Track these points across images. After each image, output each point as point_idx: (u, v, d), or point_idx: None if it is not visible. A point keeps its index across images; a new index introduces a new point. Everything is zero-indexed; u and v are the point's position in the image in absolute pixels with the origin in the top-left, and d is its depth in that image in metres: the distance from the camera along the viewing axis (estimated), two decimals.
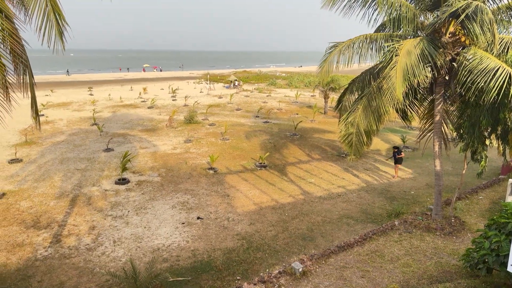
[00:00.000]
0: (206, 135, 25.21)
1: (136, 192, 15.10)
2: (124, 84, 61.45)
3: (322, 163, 19.73)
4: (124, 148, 21.34)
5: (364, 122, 11.83)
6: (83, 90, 51.28)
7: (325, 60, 13.24)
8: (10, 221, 12.45)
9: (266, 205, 14.15)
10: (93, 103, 38.86)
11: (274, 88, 56.59)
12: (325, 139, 24.69)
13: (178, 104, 39.47)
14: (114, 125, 28.16)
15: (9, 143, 22.19)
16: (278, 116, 32.97)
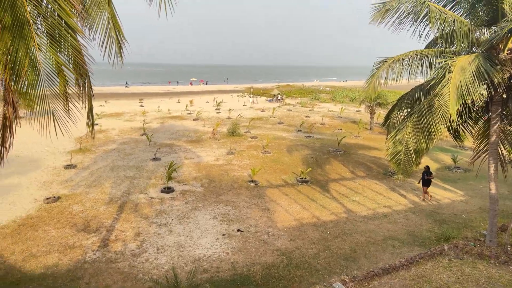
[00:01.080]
0: (248, 147, 25.45)
1: (180, 201, 15.50)
2: (172, 96, 63.91)
3: (366, 181, 19.17)
4: (170, 158, 22.07)
5: (413, 140, 11.40)
6: (135, 101, 53.96)
7: (373, 76, 13.00)
8: (63, 223, 13.22)
9: (307, 221, 13.94)
10: (143, 114, 40.72)
11: (317, 103, 56.21)
12: (371, 156, 24.00)
13: (221, 116, 40.31)
14: (162, 136, 29.25)
15: (65, 149, 23.74)
16: (321, 131, 32.61)
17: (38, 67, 5.08)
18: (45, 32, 5.20)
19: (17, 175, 18.34)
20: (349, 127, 35.05)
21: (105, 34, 6.63)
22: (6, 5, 4.35)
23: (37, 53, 4.72)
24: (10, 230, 12.59)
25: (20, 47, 4.54)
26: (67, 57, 5.93)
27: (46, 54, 5.22)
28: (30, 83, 5.14)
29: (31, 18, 4.61)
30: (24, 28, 4.51)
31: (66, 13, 4.98)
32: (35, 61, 4.78)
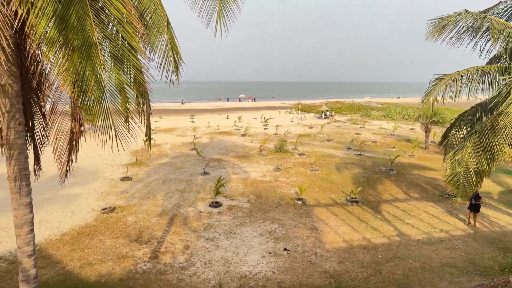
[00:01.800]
0: (295, 164, 25.25)
1: (227, 216, 15.65)
2: (222, 112, 65.57)
3: (421, 203, 18.14)
4: (218, 172, 22.48)
5: (474, 161, 10.66)
6: (186, 117, 56.05)
7: (429, 93, 12.46)
8: (117, 233, 13.85)
9: (357, 243, 13.42)
10: (194, 129, 42.11)
11: (368, 120, 54.73)
12: (426, 177, 22.76)
13: (269, 132, 40.54)
14: (211, 151, 29.97)
15: (122, 162, 25.08)
16: (372, 149, 31.59)
17: (103, 85, 5.44)
18: (110, 53, 5.59)
19: (78, 185, 19.62)
20: (403, 145, 33.63)
21: (163, 55, 6.99)
22: (77, 28, 4.75)
23: (102, 72, 5.08)
24: (70, 238, 13.41)
25: (87, 67, 4.91)
26: (129, 76, 6.29)
27: (110, 73, 5.59)
28: (95, 99, 5.50)
29: (98, 40, 4.98)
30: (91, 49, 4.89)
31: (129, 35, 5.33)
32: (100, 79, 5.14)
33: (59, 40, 4.69)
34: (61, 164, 7.42)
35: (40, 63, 6.46)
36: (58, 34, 4.64)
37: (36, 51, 6.46)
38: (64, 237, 13.49)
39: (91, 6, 4.91)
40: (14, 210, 6.68)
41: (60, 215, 15.68)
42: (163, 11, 7.10)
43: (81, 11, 4.77)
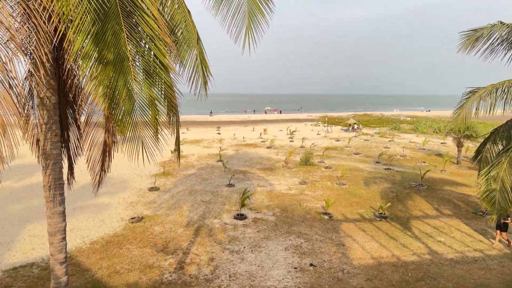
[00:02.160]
0: (322, 178, 24.93)
1: (252, 229, 15.59)
2: (248, 125, 66.00)
3: (454, 220, 17.42)
4: (243, 184, 22.51)
5: (510, 178, 10.19)
6: (213, 129, 56.80)
7: (462, 106, 12.09)
8: (144, 243, 14.07)
9: (385, 260, 13.00)
10: (220, 141, 42.55)
11: (397, 133, 53.51)
12: (458, 193, 21.89)
13: (295, 145, 40.36)
14: (236, 162, 30.11)
15: (151, 173, 25.61)
16: (402, 163, 30.77)
17: (134, 98, 5.62)
18: (142, 69, 5.77)
19: (108, 195, 20.15)
20: (434, 160, 32.59)
21: (193, 70, 7.17)
22: (111, 43, 4.95)
23: (134, 86, 5.25)
24: (99, 246, 13.73)
25: (120, 80, 5.10)
26: (159, 90, 6.46)
27: (141, 87, 5.77)
28: (126, 111, 5.67)
29: (131, 55, 5.17)
30: (124, 64, 5.07)
31: (161, 52, 5.50)
32: (132, 92, 5.31)
33: (94, 55, 4.90)
34: (94, 174, 7.67)
35: (76, 77, 6.76)
36: (94, 49, 4.86)
37: (73, 65, 6.77)
38: (94, 245, 13.83)
39: (125, 22, 5.12)
40: (48, 218, 6.93)
41: (90, 223, 16.12)
42: (193, 27, 7.29)
43: (116, 27, 4.97)
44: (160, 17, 5.31)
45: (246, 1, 6.51)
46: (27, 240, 14.27)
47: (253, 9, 6.57)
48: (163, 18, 6.44)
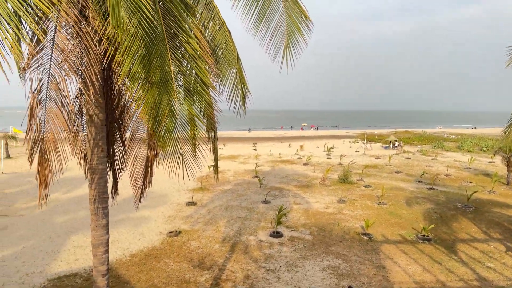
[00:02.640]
0: (361, 197, 24.22)
1: (288, 248, 15.34)
2: (284, 141, 65.93)
3: (504, 244, 16.22)
4: (279, 201, 22.34)
5: None
6: (249, 145, 57.25)
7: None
8: (181, 257, 14.23)
9: (429, 285, 12.27)
10: (256, 157, 42.72)
11: (441, 151, 51.21)
12: (509, 216, 20.43)
13: (332, 162, 39.66)
14: (272, 179, 30.01)
15: (188, 187, 26.10)
16: (446, 183, 29.30)
17: (176, 116, 5.80)
18: (183, 87, 5.96)
19: (148, 208, 20.71)
20: (481, 180, 30.75)
21: (232, 87, 7.32)
22: (156, 65, 5.17)
23: (176, 104, 5.44)
24: (138, 259, 14.05)
25: (164, 99, 5.30)
26: (199, 108, 6.62)
27: (182, 105, 5.94)
28: (167, 129, 5.85)
29: (174, 75, 5.37)
30: (168, 84, 5.27)
31: (202, 71, 5.67)
32: (173, 110, 5.50)
33: (141, 75, 5.14)
34: (136, 188, 7.94)
35: (123, 96, 7.10)
36: (140, 70, 5.09)
37: (120, 85, 7.12)
38: (133, 258, 14.17)
39: (170, 44, 5.34)
40: (92, 230, 7.21)
41: (130, 236, 16.58)
42: (233, 47, 7.48)
43: (161, 49, 5.20)
44: (202, 38, 5.49)
45: (285, 21, 6.59)
46: (71, 250, 14.89)
47: (292, 28, 6.63)
48: (205, 39, 6.66)
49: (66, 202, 22.42)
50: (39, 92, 5.50)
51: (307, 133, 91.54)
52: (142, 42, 4.67)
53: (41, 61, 5.50)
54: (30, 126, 5.57)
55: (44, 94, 5.46)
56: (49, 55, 5.46)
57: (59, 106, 5.51)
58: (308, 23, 6.69)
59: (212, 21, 7.46)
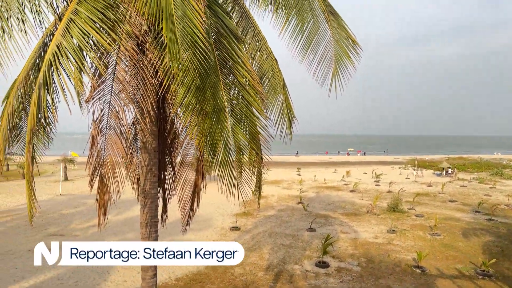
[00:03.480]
0: (412, 227, 22.93)
1: (335, 279, 14.74)
2: (329, 166, 64.74)
3: None
4: (325, 230, 21.72)
5: None
6: (292, 170, 56.81)
7: None
8: (225, 284, 14.14)
9: None
10: (300, 182, 42.19)
11: (499, 179, 47.60)
12: None
13: (381, 189, 38.16)
14: (317, 206, 29.38)
15: (232, 212, 26.22)
16: (507, 214, 27.01)
17: (226, 143, 5.95)
18: (233, 115, 6.12)
19: (193, 232, 20.99)
20: None
21: (279, 114, 7.40)
22: (209, 95, 5.39)
23: (226, 132, 5.59)
24: (183, 283, 14.17)
25: (217, 129, 5.48)
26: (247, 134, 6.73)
27: (231, 132, 6.09)
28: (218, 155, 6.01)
29: (226, 104, 5.56)
30: (220, 114, 5.46)
31: (252, 99, 5.82)
32: (225, 138, 5.65)
33: (194, 105, 5.37)
34: (184, 213, 8.13)
35: (174, 124, 7.43)
36: (193, 100, 5.33)
37: (172, 113, 7.46)
38: (178, 282, 14.31)
39: (221, 74, 5.56)
40: None
41: None
42: (280, 74, 7.62)
43: (214, 80, 5.43)
44: (252, 68, 5.67)
45: (332, 46, 6.63)
46: (120, 272, 15.36)
47: (340, 54, 6.64)
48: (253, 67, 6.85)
49: (116, 223, 23.36)
50: (100, 121, 5.91)
51: (353, 158, 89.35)
52: (196, 73, 4.91)
53: (103, 92, 5.94)
54: (91, 153, 5.96)
55: (105, 123, 5.86)
56: (109, 87, 5.88)
57: (118, 134, 5.87)
58: (356, 48, 6.69)
59: (259, 51, 7.68)
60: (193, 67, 4.76)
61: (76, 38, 5.15)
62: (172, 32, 4.50)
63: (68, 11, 5.35)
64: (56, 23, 6.28)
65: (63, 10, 6.50)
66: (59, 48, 4.98)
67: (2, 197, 31.44)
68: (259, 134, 6.85)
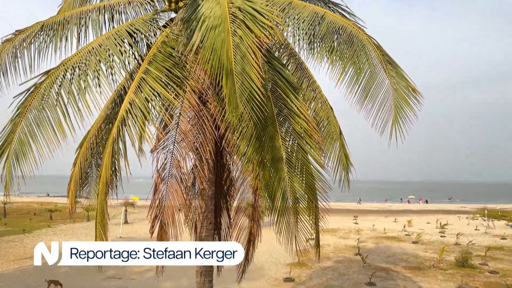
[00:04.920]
0: (486, 285, 20.50)
1: None
2: (388, 215, 61.22)
3: None
4: (387, 284, 20.13)
5: None
6: (349, 218, 54.40)
7: None
8: None
9: None
10: (358, 232, 40.12)
11: None
12: None
13: (447, 241, 34.99)
14: (377, 257, 27.53)
15: (285, 261, 25.37)
16: None
17: (284, 192, 5.94)
18: (291, 163, 6.14)
19: (246, 281, 20.29)
20: None
21: (336, 161, 7.31)
22: (267, 145, 5.52)
23: (285, 182, 5.62)
24: None
25: (274, 177, 5.53)
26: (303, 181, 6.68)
27: (289, 180, 6.08)
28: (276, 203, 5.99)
29: (283, 154, 5.64)
30: (278, 163, 5.53)
31: (309, 147, 5.85)
32: (284, 187, 5.67)
33: (253, 156, 5.50)
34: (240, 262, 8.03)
35: (231, 171, 7.61)
36: (253, 151, 5.47)
37: (229, 161, 7.67)
38: None
39: (278, 124, 5.70)
40: None
41: None
42: (335, 122, 7.62)
43: (271, 131, 5.57)
44: (310, 116, 5.76)
45: (391, 95, 6.55)
46: None
47: (399, 103, 6.52)
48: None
49: (170, 268, 23.51)
50: (163, 170, 6.24)
51: (414, 206, 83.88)
52: (254, 125, 5.08)
53: (167, 142, 6.32)
54: (153, 201, 6.24)
55: (167, 172, 6.17)
56: (173, 137, 6.25)
57: (178, 182, 6.13)
58: (416, 96, 6.54)
59: (314, 99, 7.80)
60: (251, 119, 4.94)
61: (146, 94, 5.63)
62: (232, 87, 4.76)
63: (140, 70, 5.92)
64: (127, 79, 6.94)
65: (134, 67, 7.19)
66: (131, 105, 5.46)
67: (67, 239, 33.45)
68: (316, 181, 6.77)
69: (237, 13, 5.16)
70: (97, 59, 6.29)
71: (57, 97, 6.06)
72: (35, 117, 5.91)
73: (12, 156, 5.77)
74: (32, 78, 6.38)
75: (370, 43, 6.63)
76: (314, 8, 6.99)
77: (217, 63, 5.14)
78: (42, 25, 6.75)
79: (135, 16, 7.37)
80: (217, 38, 5.18)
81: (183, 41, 5.86)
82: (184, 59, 6.17)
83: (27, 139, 5.89)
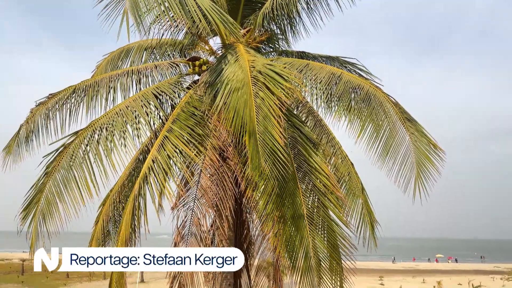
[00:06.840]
0: None
1: None
2: (416, 275, 57.61)
3: None
4: None
5: None
6: (374, 278, 51.41)
7: None
8: None
9: None
10: None
11: None
12: None
13: None
14: None
15: None
16: None
17: (307, 249, 5.76)
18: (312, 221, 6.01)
19: None
20: None
21: (359, 218, 7.11)
22: (288, 202, 5.46)
23: (308, 239, 5.47)
24: None
25: (295, 235, 5.40)
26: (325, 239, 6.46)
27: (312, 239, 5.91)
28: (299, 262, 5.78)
29: (304, 211, 5.54)
30: (300, 221, 5.43)
31: (332, 204, 5.75)
32: (306, 245, 5.51)
33: (274, 213, 5.44)
34: None
35: (250, 230, 7.48)
36: (274, 208, 5.41)
37: (248, 217, 7.57)
38: None
39: (299, 181, 5.68)
40: None
41: None
42: (357, 178, 7.53)
43: (292, 187, 5.54)
44: (330, 172, 5.73)
45: (413, 152, 6.50)
46: None
47: (421, 159, 6.46)
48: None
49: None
50: (183, 227, 6.19)
51: (443, 266, 78.79)
52: (276, 182, 5.09)
53: (187, 200, 6.33)
54: None
55: (187, 230, 6.11)
56: (193, 194, 6.27)
57: (198, 241, 6.04)
58: (438, 152, 6.47)
59: (334, 155, 7.80)
60: (273, 176, 4.96)
61: (168, 151, 5.78)
62: (255, 145, 4.85)
63: (163, 129, 6.14)
64: (151, 138, 7.16)
65: (158, 126, 7.44)
66: (154, 162, 5.60)
67: None
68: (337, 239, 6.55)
69: (258, 76, 5.42)
70: (124, 120, 6.57)
71: (84, 156, 6.28)
72: (63, 177, 6.11)
73: (39, 215, 5.89)
74: (62, 138, 6.68)
75: (387, 101, 6.74)
76: (331, 69, 7.26)
77: (240, 123, 5.30)
78: (74, 88, 7.21)
79: (160, 79, 7.81)
80: (240, 99, 5.41)
81: (207, 102, 6.13)
82: (206, 117, 6.38)
83: (54, 198, 6.04)
